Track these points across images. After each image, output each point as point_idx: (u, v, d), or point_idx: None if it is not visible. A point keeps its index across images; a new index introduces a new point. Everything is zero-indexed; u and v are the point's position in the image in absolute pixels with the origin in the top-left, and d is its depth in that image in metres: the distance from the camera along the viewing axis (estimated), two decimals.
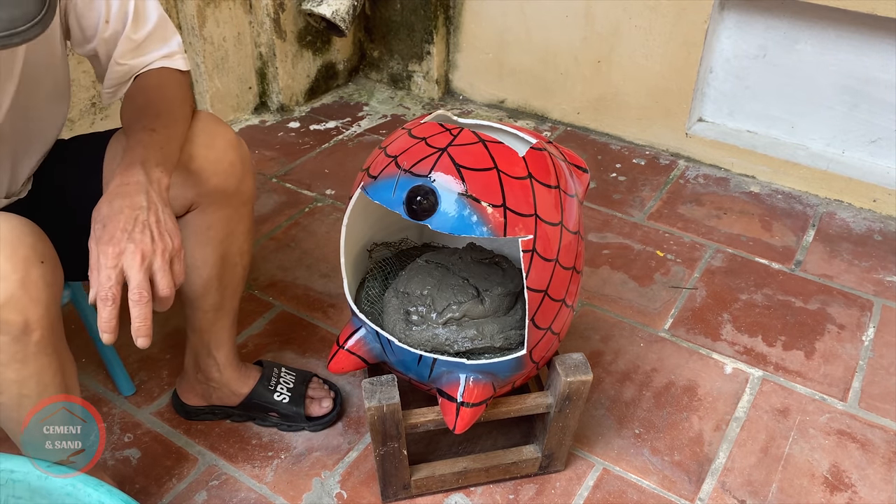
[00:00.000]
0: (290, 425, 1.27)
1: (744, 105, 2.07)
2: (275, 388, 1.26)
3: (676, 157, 2.13)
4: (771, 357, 1.46)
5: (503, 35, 2.27)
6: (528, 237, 0.92)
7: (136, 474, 1.20)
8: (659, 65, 2.05)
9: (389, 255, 1.25)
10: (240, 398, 1.25)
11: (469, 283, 1.10)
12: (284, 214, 1.85)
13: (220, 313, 1.16)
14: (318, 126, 2.27)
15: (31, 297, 0.77)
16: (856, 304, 1.60)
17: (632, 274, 1.68)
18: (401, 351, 1.01)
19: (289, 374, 1.29)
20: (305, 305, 1.57)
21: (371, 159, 1.01)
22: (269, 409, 1.26)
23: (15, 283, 0.76)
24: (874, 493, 1.20)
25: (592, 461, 1.25)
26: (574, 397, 1.08)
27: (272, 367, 1.29)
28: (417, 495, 1.17)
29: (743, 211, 1.91)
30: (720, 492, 1.20)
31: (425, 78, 2.43)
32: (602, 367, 1.43)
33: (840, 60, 1.87)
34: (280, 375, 1.28)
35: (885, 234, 1.83)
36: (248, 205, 1.10)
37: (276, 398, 1.25)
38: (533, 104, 2.34)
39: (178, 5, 1.98)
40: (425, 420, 1.06)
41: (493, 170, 0.92)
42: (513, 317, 1.08)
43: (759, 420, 1.33)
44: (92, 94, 1.83)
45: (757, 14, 1.93)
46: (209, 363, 1.21)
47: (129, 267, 0.76)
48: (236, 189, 1.05)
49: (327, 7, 2.14)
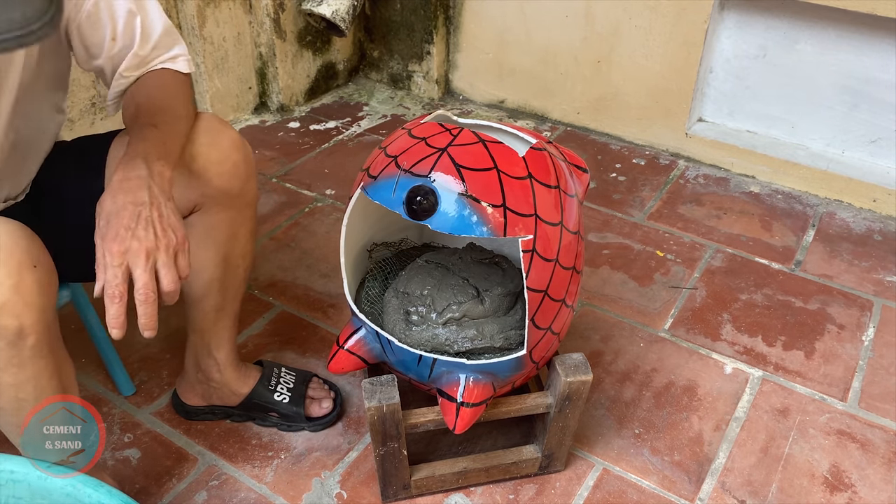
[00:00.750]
0: (289, 425, 1.27)
1: (744, 105, 2.07)
2: (275, 389, 1.26)
3: (676, 157, 2.13)
4: (771, 357, 1.46)
5: (503, 35, 2.27)
6: (528, 237, 0.92)
7: (136, 474, 1.20)
8: (659, 65, 2.05)
9: (389, 255, 1.25)
10: (240, 398, 1.25)
11: (469, 283, 1.10)
12: (284, 214, 1.85)
13: (222, 314, 1.16)
14: (318, 126, 2.27)
15: (25, 301, 0.77)
16: (856, 304, 1.60)
17: (632, 274, 1.68)
18: (401, 351, 1.01)
19: (289, 374, 1.29)
20: (305, 305, 1.56)
21: (371, 159, 1.01)
22: (269, 409, 1.26)
23: (9, 289, 0.76)
24: (874, 493, 1.20)
25: (592, 461, 1.25)
26: (574, 397, 1.08)
27: (272, 367, 1.29)
28: (417, 495, 1.17)
29: (743, 211, 1.91)
30: (720, 492, 1.20)
31: (425, 78, 2.43)
32: (602, 367, 1.43)
33: (840, 60, 1.87)
34: (280, 375, 1.28)
35: (885, 234, 1.83)
36: (251, 207, 1.10)
37: (277, 398, 1.25)
38: (533, 104, 2.34)
39: (178, 5, 1.98)
40: (425, 420, 1.06)
41: (493, 170, 0.92)
42: (513, 317, 1.08)
43: (759, 420, 1.33)
44: (92, 95, 1.83)
45: (757, 14, 1.93)
46: (209, 363, 1.21)
47: (135, 266, 0.78)
48: (240, 190, 1.05)
49: (327, 7, 2.14)
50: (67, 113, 1.07)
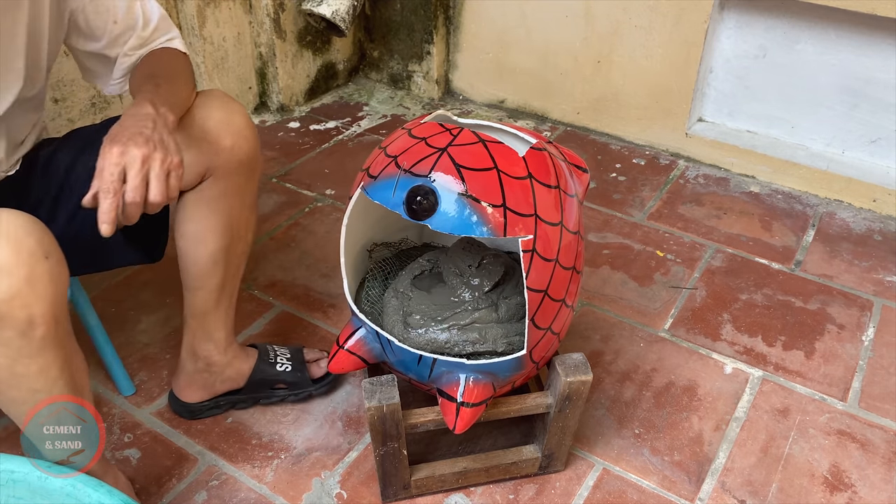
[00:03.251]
0: (297, 394, 1.31)
1: (744, 105, 2.07)
2: (275, 361, 1.29)
3: (676, 157, 2.13)
4: (771, 357, 1.46)
5: (503, 35, 2.27)
6: (528, 237, 0.92)
7: (136, 474, 1.20)
8: (659, 65, 2.05)
9: (389, 255, 1.25)
10: (244, 377, 1.27)
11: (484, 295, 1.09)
12: (284, 214, 1.85)
13: (222, 294, 1.18)
14: (318, 126, 2.27)
15: (36, 292, 0.78)
16: (856, 304, 1.60)
17: (632, 274, 1.68)
18: (401, 351, 1.01)
19: (282, 348, 1.34)
20: (305, 305, 1.57)
21: (371, 159, 1.01)
22: (275, 383, 1.29)
23: (21, 279, 0.77)
24: (874, 493, 1.20)
25: (592, 461, 1.25)
26: (574, 397, 1.08)
27: (265, 346, 1.33)
28: (417, 495, 1.18)
29: (743, 211, 1.91)
30: (720, 492, 1.20)
31: (425, 78, 2.43)
32: (602, 367, 1.43)
33: (840, 60, 1.87)
34: (276, 350, 1.32)
35: (885, 234, 1.83)
36: (255, 177, 1.14)
37: (280, 369, 1.29)
38: (533, 104, 2.34)
39: (178, 5, 1.98)
40: (425, 420, 1.06)
41: (493, 170, 0.92)
42: (520, 323, 1.08)
43: (759, 420, 1.33)
44: (92, 95, 1.83)
45: (757, 14, 1.93)
46: (209, 347, 1.22)
47: (130, 167, 0.82)
48: (248, 156, 1.09)
49: (327, 7, 2.14)
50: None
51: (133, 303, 1.55)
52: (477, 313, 1.06)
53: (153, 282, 1.60)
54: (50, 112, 1.75)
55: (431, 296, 1.10)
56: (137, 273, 1.62)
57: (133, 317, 1.52)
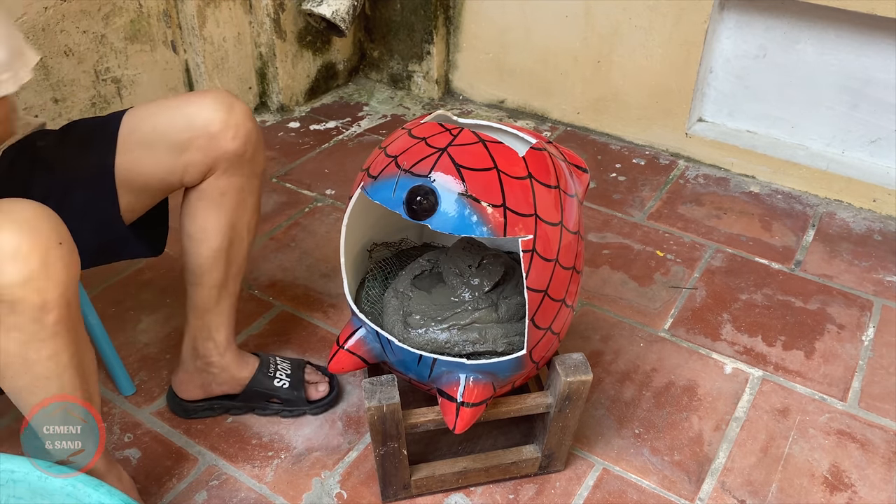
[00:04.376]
0: (291, 410, 1.29)
1: (744, 105, 2.07)
2: (274, 375, 1.28)
3: (676, 157, 2.13)
4: (771, 357, 1.46)
5: (503, 35, 2.27)
6: (528, 237, 0.92)
7: (136, 474, 1.20)
8: (659, 65, 2.05)
9: (389, 255, 1.25)
10: (241, 385, 1.26)
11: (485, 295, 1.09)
12: (284, 214, 1.85)
13: (223, 292, 1.18)
14: (318, 126, 2.27)
15: (50, 277, 0.79)
16: (856, 304, 1.60)
17: (632, 274, 1.68)
18: (401, 351, 1.02)
19: (284, 362, 1.32)
20: (305, 305, 1.57)
21: (371, 159, 1.01)
22: (270, 396, 1.28)
23: (35, 263, 0.78)
24: (874, 493, 1.20)
25: (592, 461, 1.25)
26: (574, 397, 1.08)
27: (267, 357, 1.31)
28: (417, 495, 1.18)
29: (743, 211, 1.91)
30: (720, 492, 1.20)
31: (425, 78, 2.43)
32: (602, 367, 1.43)
33: (840, 60, 1.87)
34: (277, 364, 1.31)
35: (885, 234, 1.83)
36: (258, 177, 1.14)
37: (277, 384, 1.28)
38: (533, 104, 2.34)
39: (178, 5, 1.99)
40: (425, 420, 1.06)
41: (493, 170, 0.92)
42: (520, 322, 1.08)
43: (759, 420, 1.33)
44: (92, 95, 1.83)
45: (757, 14, 1.93)
46: (209, 346, 1.21)
47: None
48: (251, 155, 1.09)
49: (327, 7, 2.14)
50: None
51: (133, 303, 1.55)
52: (477, 313, 1.06)
53: (153, 282, 1.60)
54: (50, 112, 1.75)
55: (431, 296, 1.10)
56: (137, 273, 1.62)
57: (133, 317, 1.52)
